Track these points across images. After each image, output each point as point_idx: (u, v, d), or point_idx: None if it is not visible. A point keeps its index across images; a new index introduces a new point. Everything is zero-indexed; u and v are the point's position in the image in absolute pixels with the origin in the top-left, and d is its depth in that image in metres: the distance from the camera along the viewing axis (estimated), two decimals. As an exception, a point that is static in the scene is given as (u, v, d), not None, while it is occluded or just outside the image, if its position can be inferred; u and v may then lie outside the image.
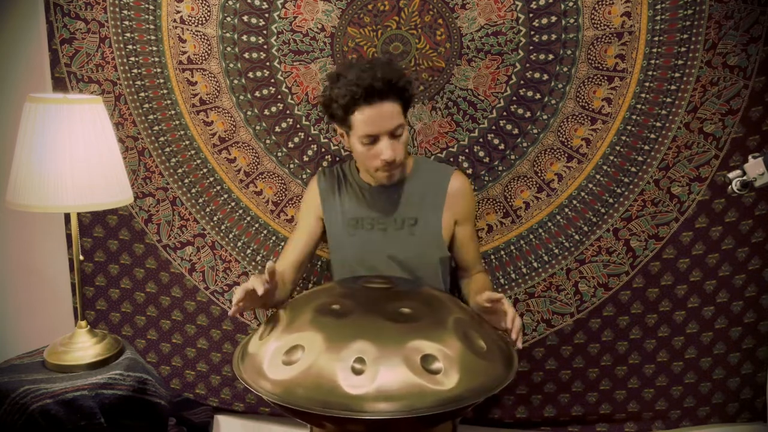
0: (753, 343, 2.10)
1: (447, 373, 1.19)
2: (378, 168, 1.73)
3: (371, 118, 1.65)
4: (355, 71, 1.65)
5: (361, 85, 1.62)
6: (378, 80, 1.62)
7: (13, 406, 1.55)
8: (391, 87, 1.65)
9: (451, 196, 1.84)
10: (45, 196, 1.56)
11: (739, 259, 2.04)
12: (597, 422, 2.17)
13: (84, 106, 1.61)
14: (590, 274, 2.07)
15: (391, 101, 1.66)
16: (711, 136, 1.96)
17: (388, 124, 1.66)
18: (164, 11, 2.02)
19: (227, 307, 2.19)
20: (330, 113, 1.73)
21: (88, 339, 1.73)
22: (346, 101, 1.65)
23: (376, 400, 1.14)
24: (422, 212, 1.83)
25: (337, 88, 1.66)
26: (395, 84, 1.65)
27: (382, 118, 1.65)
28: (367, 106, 1.64)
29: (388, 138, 1.68)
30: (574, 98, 1.97)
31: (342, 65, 1.75)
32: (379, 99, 1.64)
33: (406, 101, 1.72)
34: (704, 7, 1.86)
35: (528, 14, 1.92)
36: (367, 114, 1.65)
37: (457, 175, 1.88)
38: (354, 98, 1.63)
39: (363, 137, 1.68)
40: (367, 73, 1.63)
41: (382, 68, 1.65)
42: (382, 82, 1.63)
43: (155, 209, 2.16)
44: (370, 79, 1.62)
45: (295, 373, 1.20)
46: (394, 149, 1.69)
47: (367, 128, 1.66)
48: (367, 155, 1.71)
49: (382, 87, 1.63)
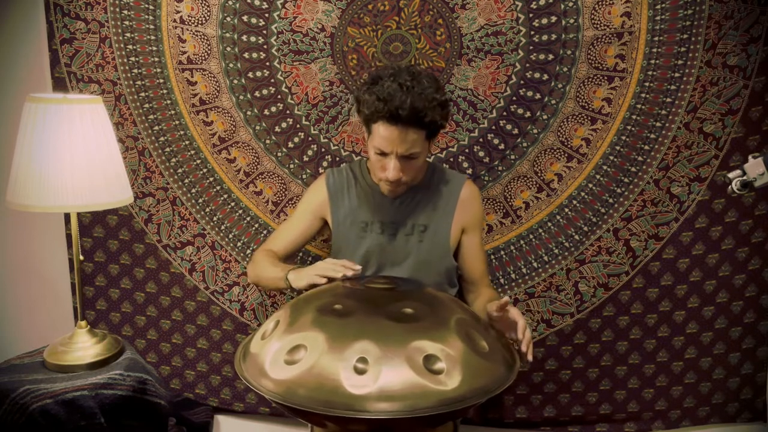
0: (753, 343, 2.11)
1: (449, 374, 1.19)
2: (381, 180, 1.73)
3: (388, 138, 1.62)
4: (391, 86, 1.59)
5: (387, 106, 1.58)
6: (406, 108, 1.56)
7: (13, 406, 1.55)
8: (417, 119, 1.59)
9: (462, 204, 1.84)
10: (45, 196, 1.55)
11: (739, 259, 2.04)
12: (597, 422, 2.18)
13: (84, 106, 1.60)
14: (590, 274, 2.07)
15: (413, 129, 1.61)
16: (711, 136, 1.96)
17: (402, 149, 1.63)
18: (164, 11, 2.01)
19: (227, 307, 2.19)
20: (357, 110, 1.71)
21: (88, 339, 1.72)
22: (370, 112, 1.62)
23: (378, 400, 1.14)
24: (433, 219, 1.83)
25: (369, 94, 1.63)
26: (422, 117, 1.59)
27: (398, 141, 1.62)
28: (388, 125, 1.61)
29: (397, 159, 1.65)
30: (574, 98, 1.97)
31: (384, 70, 1.68)
32: (402, 125, 1.59)
33: (431, 131, 1.66)
34: (704, 7, 1.86)
35: (528, 14, 1.92)
36: (385, 132, 1.62)
37: (468, 184, 1.88)
38: (377, 113, 1.60)
39: (375, 148, 1.67)
40: (399, 95, 1.57)
41: (415, 96, 1.57)
42: (410, 111, 1.57)
43: (155, 209, 2.16)
44: (399, 102, 1.56)
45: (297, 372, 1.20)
46: (399, 170, 1.66)
47: (381, 144, 1.64)
48: (377, 164, 1.71)
49: (408, 116, 1.58)
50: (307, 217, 1.90)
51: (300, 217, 1.91)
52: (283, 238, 1.91)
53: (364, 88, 1.66)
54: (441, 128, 1.70)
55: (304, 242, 1.93)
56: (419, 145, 1.65)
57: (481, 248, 1.91)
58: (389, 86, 1.59)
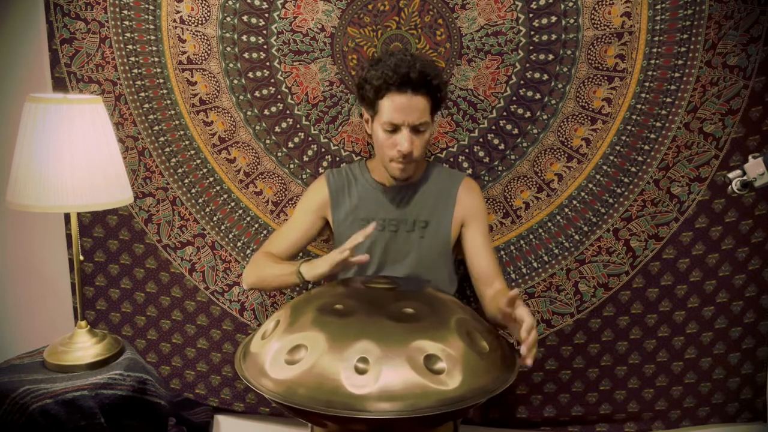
0: (753, 343, 2.11)
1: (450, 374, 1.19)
2: (393, 158, 1.74)
3: (399, 107, 1.67)
4: (395, 59, 1.68)
5: (397, 72, 1.65)
6: (416, 71, 1.65)
7: (13, 406, 1.55)
8: (426, 82, 1.67)
9: (460, 199, 1.85)
10: (45, 196, 1.55)
11: (739, 259, 2.04)
12: (597, 422, 2.18)
13: (84, 106, 1.60)
14: (590, 274, 2.07)
15: (422, 96, 1.68)
16: (711, 136, 1.96)
17: (413, 117, 1.68)
18: (164, 11, 2.01)
19: (227, 307, 2.19)
20: (361, 95, 1.76)
21: (88, 339, 1.72)
22: (379, 84, 1.67)
23: (379, 400, 1.14)
24: (433, 215, 1.84)
25: (374, 70, 1.69)
26: (430, 80, 1.67)
27: (409, 109, 1.67)
28: (398, 94, 1.67)
29: (409, 131, 1.69)
30: (574, 98, 1.97)
31: (385, 52, 1.79)
32: (412, 90, 1.66)
33: (436, 102, 1.73)
34: (704, 7, 1.87)
35: (528, 14, 1.92)
36: (397, 102, 1.67)
37: (467, 180, 1.90)
38: (387, 82, 1.66)
39: (386, 124, 1.70)
40: (406, 63, 1.66)
41: (422, 62, 1.69)
42: (419, 74, 1.65)
43: (155, 209, 2.16)
44: (407, 68, 1.65)
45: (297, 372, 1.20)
46: (412, 143, 1.70)
47: (393, 115, 1.68)
48: (386, 143, 1.73)
49: (418, 79, 1.65)
50: (309, 218, 1.90)
51: (301, 218, 1.91)
52: (285, 239, 1.91)
53: (367, 70, 1.74)
54: (442, 103, 1.78)
55: (306, 243, 1.93)
56: (427, 114, 1.71)
57: (486, 244, 1.87)
58: (392, 60, 1.68)
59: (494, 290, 1.78)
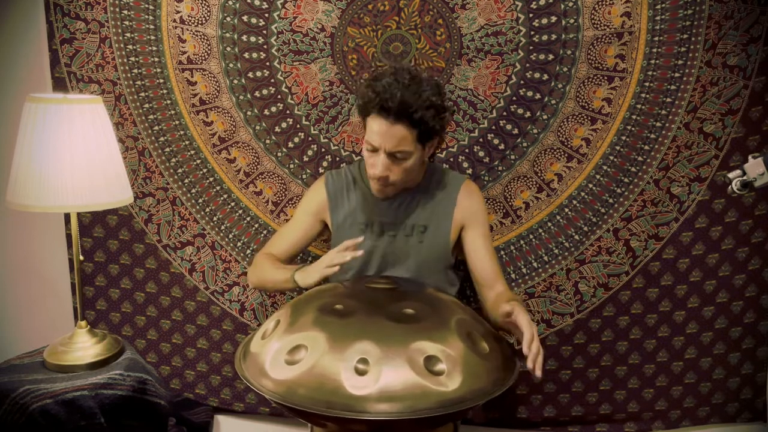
0: (753, 343, 2.11)
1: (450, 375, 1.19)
2: (371, 177, 1.73)
3: (378, 131, 1.64)
4: (388, 81, 1.62)
5: (378, 96, 1.60)
6: (395, 101, 1.58)
7: (13, 406, 1.55)
8: (407, 114, 1.60)
9: (460, 202, 1.84)
10: (45, 196, 1.55)
11: (739, 259, 2.04)
12: (597, 422, 2.18)
13: (84, 106, 1.60)
14: (590, 274, 2.07)
15: (402, 126, 1.61)
16: (711, 136, 1.96)
17: (390, 144, 1.63)
18: (164, 11, 2.01)
19: (227, 307, 2.19)
20: (356, 104, 1.75)
21: (88, 339, 1.72)
22: (362, 103, 1.66)
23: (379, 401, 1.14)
24: (432, 220, 1.83)
25: (366, 88, 1.66)
26: (411, 113, 1.60)
27: (388, 135, 1.63)
28: (378, 118, 1.63)
29: (386, 156, 1.65)
30: (574, 98, 1.97)
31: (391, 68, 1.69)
32: (393, 118, 1.61)
33: (425, 131, 1.65)
34: (704, 7, 1.86)
35: (528, 14, 1.92)
36: (376, 125, 1.64)
37: (467, 183, 1.88)
38: (367, 105, 1.63)
39: (367, 142, 1.68)
40: (391, 88, 1.59)
41: (406, 91, 1.59)
42: (398, 106, 1.59)
43: (155, 209, 2.16)
44: (388, 96, 1.59)
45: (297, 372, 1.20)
46: (386, 168, 1.67)
47: (372, 137, 1.66)
48: (368, 161, 1.72)
49: (396, 109, 1.59)
50: (308, 220, 1.90)
51: (300, 219, 1.91)
52: (285, 240, 1.91)
53: (365, 84, 1.70)
54: (434, 133, 1.69)
55: (305, 244, 1.93)
56: (408, 144, 1.64)
57: (487, 246, 1.84)
58: (387, 81, 1.62)
59: (496, 293, 1.76)
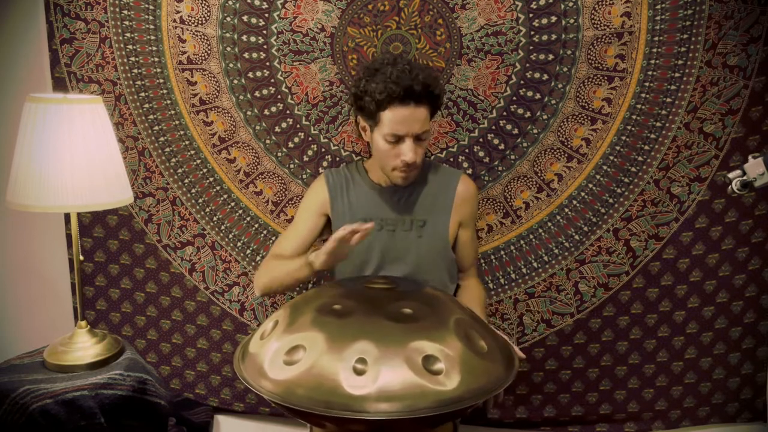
0: (753, 343, 2.11)
1: (448, 374, 1.19)
2: (396, 167, 1.74)
3: (402, 119, 1.66)
4: (396, 69, 1.66)
5: (400, 84, 1.63)
6: (419, 83, 1.64)
7: (13, 406, 1.55)
8: (428, 93, 1.67)
9: (459, 198, 1.86)
10: (45, 196, 1.55)
11: (739, 259, 2.04)
12: (597, 422, 2.18)
13: (84, 106, 1.60)
14: (590, 274, 2.07)
15: (424, 106, 1.68)
16: (711, 136, 1.96)
17: (416, 128, 1.67)
18: (164, 11, 2.01)
19: (227, 308, 2.19)
20: (360, 105, 1.74)
21: (88, 339, 1.72)
22: (382, 97, 1.65)
23: (377, 401, 1.14)
24: (431, 215, 1.84)
25: (375, 82, 1.67)
26: (432, 91, 1.67)
27: (412, 120, 1.67)
28: (401, 107, 1.65)
29: (412, 141, 1.69)
30: (574, 98, 1.97)
31: (379, 60, 1.75)
32: (415, 102, 1.65)
33: (436, 108, 1.75)
34: (704, 7, 1.86)
35: (528, 14, 1.92)
36: (400, 114, 1.66)
37: (465, 178, 1.90)
38: (391, 96, 1.64)
39: (389, 135, 1.69)
40: (407, 74, 1.64)
41: (422, 72, 1.67)
42: (422, 86, 1.64)
43: (155, 209, 2.16)
44: (410, 81, 1.63)
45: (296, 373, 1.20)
46: (415, 152, 1.70)
47: (396, 128, 1.67)
48: (389, 154, 1.72)
49: (421, 91, 1.65)
50: (312, 217, 1.91)
51: (304, 218, 1.92)
52: (291, 242, 1.91)
53: (364, 81, 1.71)
54: (441, 105, 1.79)
55: (312, 242, 1.93)
56: (428, 122, 1.72)
57: (474, 240, 1.97)
58: (392, 71, 1.65)
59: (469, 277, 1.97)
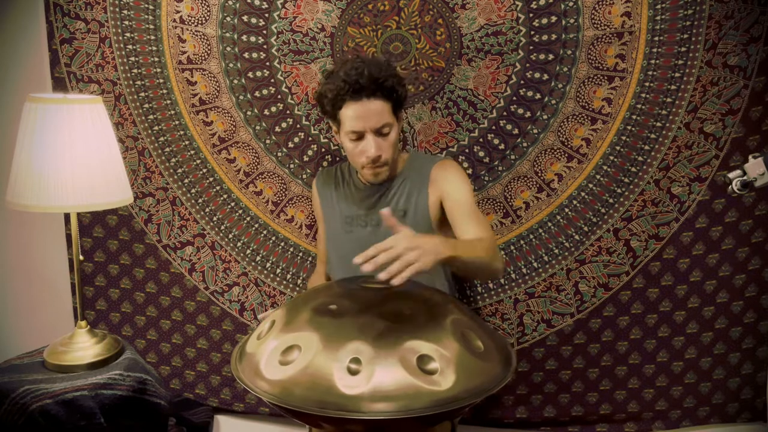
0: (753, 343, 2.10)
1: (443, 374, 1.18)
2: (363, 165, 1.75)
3: (357, 115, 1.68)
4: (346, 68, 1.67)
5: (347, 81, 1.65)
6: (365, 77, 1.65)
7: (13, 406, 1.55)
8: (378, 85, 1.66)
9: (434, 178, 1.80)
10: (45, 196, 1.56)
11: (739, 259, 2.03)
12: (597, 422, 2.17)
13: (84, 106, 1.60)
14: (590, 274, 2.06)
15: (378, 99, 1.68)
16: (711, 136, 1.96)
17: (373, 122, 1.68)
18: (164, 11, 2.02)
19: (227, 308, 2.19)
20: (322, 109, 1.77)
21: (88, 339, 1.72)
22: (333, 95, 1.68)
23: (371, 401, 1.14)
24: (410, 203, 1.81)
25: (328, 83, 1.70)
26: (382, 83, 1.67)
27: (368, 115, 1.67)
28: (354, 102, 1.67)
29: (373, 135, 1.70)
30: (574, 98, 1.96)
31: (338, 62, 1.78)
32: (366, 96, 1.66)
33: (396, 101, 1.72)
34: (704, 7, 1.86)
35: (528, 14, 1.92)
36: (353, 110, 1.68)
37: (442, 161, 1.85)
38: (340, 94, 1.67)
39: (349, 133, 1.71)
40: (355, 70, 1.65)
41: (371, 66, 1.67)
42: (369, 80, 1.65)
43: (155, 209, 2.16)
44: (357, 76, 1.65)
45: (291, 372, 1.20)
46: (378, 147, 1.70)
47: (353, 124, 1.69)
48: (354, 152, 1.74)
49: (369, 84, 1.65)
50: (320, 218, 1.99)
51: (318, 219, 2.01)
52: (320, 242, 2.03)
53: (321, 84, 1.75)
54: (404, 100, 1.75)
55: None
56: (388, 116, 1.70)
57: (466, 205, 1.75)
58: (347, 67, 1.68)
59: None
